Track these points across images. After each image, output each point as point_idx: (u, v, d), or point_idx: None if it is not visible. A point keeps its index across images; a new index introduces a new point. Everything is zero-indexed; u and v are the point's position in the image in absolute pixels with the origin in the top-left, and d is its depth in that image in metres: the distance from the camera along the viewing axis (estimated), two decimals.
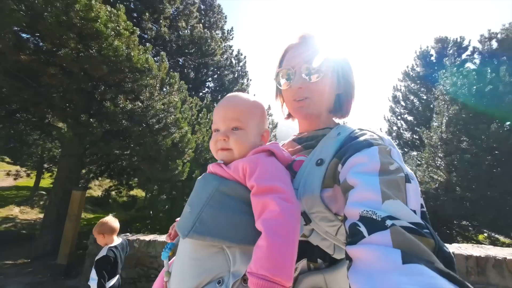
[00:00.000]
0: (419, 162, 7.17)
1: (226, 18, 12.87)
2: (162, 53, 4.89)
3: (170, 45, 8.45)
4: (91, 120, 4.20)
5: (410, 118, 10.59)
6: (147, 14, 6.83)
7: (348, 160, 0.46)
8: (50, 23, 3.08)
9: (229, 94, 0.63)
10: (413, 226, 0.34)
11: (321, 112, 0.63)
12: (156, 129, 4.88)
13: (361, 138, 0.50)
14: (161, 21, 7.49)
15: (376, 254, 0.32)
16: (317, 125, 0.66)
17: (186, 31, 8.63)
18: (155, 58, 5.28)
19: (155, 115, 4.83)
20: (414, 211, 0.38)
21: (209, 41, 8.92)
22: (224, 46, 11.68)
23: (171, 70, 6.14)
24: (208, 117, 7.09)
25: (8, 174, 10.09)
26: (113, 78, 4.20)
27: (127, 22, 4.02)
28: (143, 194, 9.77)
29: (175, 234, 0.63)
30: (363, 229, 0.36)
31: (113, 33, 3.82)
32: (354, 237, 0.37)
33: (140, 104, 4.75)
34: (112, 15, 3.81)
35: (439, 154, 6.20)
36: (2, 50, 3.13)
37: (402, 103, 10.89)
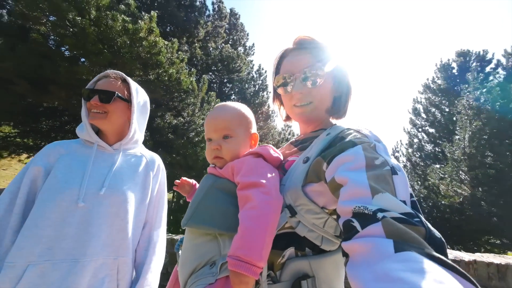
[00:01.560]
0: (442, 176, 7.17)
1: (248, 35, 13.74)
2: (204, 76, 5.59)
3: (201, 63, 9.31)
4: (143, 134, 4.92)
5: (431, 130, 10.53)
6: (184, 38, 7.71)
7: (334, 160, 0.48)
8: (126, 58, 3.83)
9: (217, 105, 0.70)
10: (403, 216, 0.35)
11: (321, 115, 0.65)
12: (195, 141, 5.53)
13: (347, 139, 0.52)
14: (195, 43, 8.36)
15: (370, 245, 0.33)
16: (314, 127, 0.67)
17: (215, 50, 9.46)
18: (195, 78, 6.01)
19: (195, 129, 5.49)
20: (404, 202, 0.39)
21: (235, 59, 9.70)
22: (247, 61, 12.48)
23: (202, 83, 6.86)
24: None
25: None
26: (165, 98, 4.93)
27: (179, 53, 4.77)
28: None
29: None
30: (356, 224, 0.37)
31: (168, 61, 4.56)
32: (348, 232, 0.38)
33: (182, 119, 5.45)
34: (168, 47, 4.56)
35: (463, 168, 6.22)
36: (86, 78, 3.92)
37: (423, 115, 10.89)
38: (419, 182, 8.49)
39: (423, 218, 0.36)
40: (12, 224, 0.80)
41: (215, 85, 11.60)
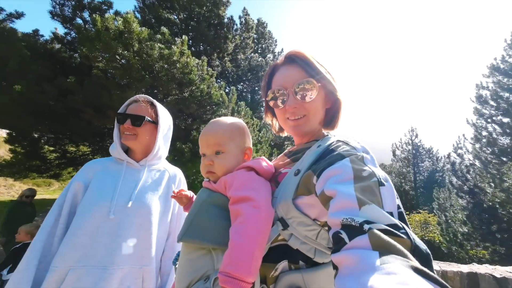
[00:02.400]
0: None
1: (276, 42, 13.88)
2: (232, 87, 5.87)
3: (232, 75, 9.79)
4: (183, 146, 5.41)
5: (506, 119, 8.59)
6: (215, 54, 8.27)
7: (323, 173, 0.48)
8: (163, 80, 4.31)
9: (211, 121, 0.70)
10: (389, 228, 0.35)
11: (315, 127, 0.66)
12: None
13: (335, 151, 0.52)
14: (225, 57, 8.87)
15: (356, 257, 0.34)
16: (308, 139, 0.68)
17: (244, 61, 9.84)
18: (226, 91, 6.36)
19: None
20: (391, 213, 0.40)
21: (264, 67, 9.88)
22: None
23: (231, 94, 7.18)
24: (268, 135, 7.76)
25: None
26: (198, 112, 5.34)
27: (208, 68, 5.14)
28: None
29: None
30: (344, 236, 0.38)
31: (199, 78, 4.96)
32: (337, 244, 0.39)
33: None
34: (198, 65, 4.96)
35: None
36: None
37: (492, 102, 8.98)
38: (493, 184, 6.94)
39: (409, 230, 0.37)
40: (58, 232, 0.92)
41: (248, 94, 12.01)
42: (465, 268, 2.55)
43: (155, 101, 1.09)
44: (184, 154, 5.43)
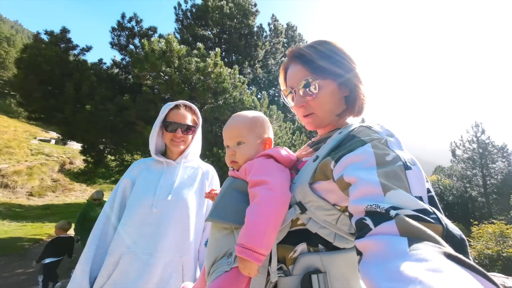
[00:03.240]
0: None
1: (306, 43, 13.67)
2: (264, 92, 5.99)
3: (263, 80, 9.98)
4: (219, 151, 5.72)
5: None
6: (246, 62, 8.60)
7: (342, 159, 0.47)
8: (200, 91, 4.67)
9: (233, 115, 0.75)
10: (417, 214, 0.34)
11: (330, 120, 0.65)
12: None
13: (356, 138, 0.51)
14: (256, 64, 9.13)
15: (383, 243, 0.32)
16: (329, 129, 0.68)
17: (275, 66, 9.95)
18: (257, 96, 6.52)
19: None
20: (420, 197, 0.38)
21: None
22: None
23: (263, 99, 7.29)
24: (301, 138, 7.61)
25: None
26: None
27: (240, 76, 5.38)
28: None
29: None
30: (369, 222, 0.36)
31: (232, 86, 5.22)
32: (361, 230, 0.37)
33: None
34: (230, 74, 5.23)
35: None
36: None
37: None
38: None
39: (440, 215, 0.34)
40: (112, 223, 1.07)
41: (279, 98, 12.04)
42: None
43: (193, 106, 1.20)
44: (220, 159, 5.72)
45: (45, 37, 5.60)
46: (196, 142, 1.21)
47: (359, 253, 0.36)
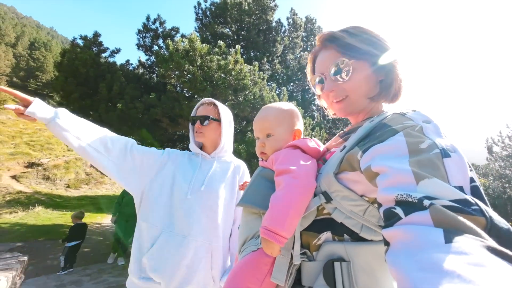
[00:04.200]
0: None
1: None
2: (283, 88, 5.96)
3: (282, 76, 9.89)
4: (239, 147, 5.83)
5: None
6: (265, 58, 8.57)
7: (371, 149, 0.45)
8: (221, 88, 4.78)
9: (263, 107, 0.77)
10: (456, 205, 0.31)
11: (364, 106, 0.62)
12: None
13: (387, 127, 0.48)
14: (274, 60, 9.07)
15: (415, 233, 0.30)
16: (363, 117, 0.65)
17: (293, 61, 9.80)
18: (276, 93, 6.51)
19: None
20: (461, 187, 0.34)
21: None
22: None
23: (282, 95, 7.24)
24: (321, 134, 7.46)
25: None
26: (252, 114, 5.66)
27: (260, 72, 5.40)
28: None
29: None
30: (399, 211, 0.34)
31: (252, 83, 5.27)
32: (390, 220, 0.35)
33: None
34: (250, 70, 5.27)
35: None
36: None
37: None
38: None
39: (483, 206, 0.31)
40: (162, 200, 1.14)
41: (298, 94, 11.86)
42: None
43: (216, 102, 1.27)
44: (240, 154, 5.83)
45: (80, 42, 6.09)
46: (226, 137, 1.25)
47: (387, 243, 0.34)
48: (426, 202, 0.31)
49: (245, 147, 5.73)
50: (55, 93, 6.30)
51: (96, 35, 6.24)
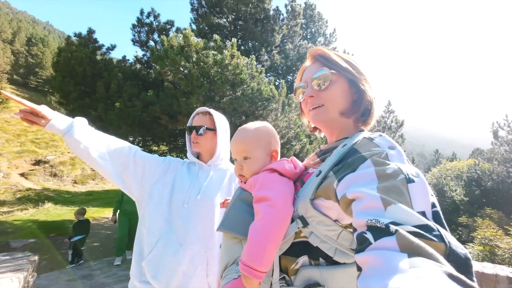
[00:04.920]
0: None
1: (327, 22, 12.78)
2: (282, 80, 5.87)
3: (281, 67, 9.70)
4: None
5: None
6: (263, 49, 8.38)
7: (345, 178, 0.48)
8: (218, 83, 4.74)
9: (239, 129, 0.76)
10: (418, 230, 0.33)
11: (336, 119, 0.65)
12: (281, 143, 5.89)
13: (358, 153, 0.51)
14: (273, 50, 8.86)
15: (383, 258, 0.32)
16: (336, 136, 0.68)
17: (293, 51, 9.56)
18: (275, 84, 6.42)
19: (280, 132, 5.86)
20: (423, 212, 0.37)
21: None
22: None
23: (281, 87, 7.15)
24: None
25: None
26: (251, 109, 5.63)
27: (257, 65, 5.31)
28: None
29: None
30: (369, 236, 0.36)
31: (249, 77, 5.19)
32: (361, 244, 0.37)
33: None
34: (247, 64, 5.19)
35: None
36: (196, 106, 5.14)
37: None
38: None
39: (444, 232, 0.33)
40: (161, 207, 1.16)
41: None
42: None
43: (211, 110, 1.27)
44: None
45: (74, 39, 6.01)
46: (221, 146, 1.26)
47: (359, 269, 0.36)
48: (393, 228, 0.34)
49: None
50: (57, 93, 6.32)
51: (91, 32, 6.15)
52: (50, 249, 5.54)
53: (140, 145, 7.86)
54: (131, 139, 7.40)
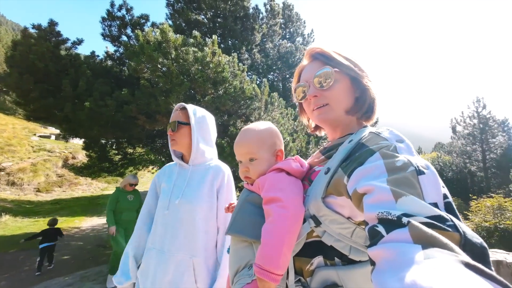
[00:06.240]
0: None
1: (304, 23, 13.08)
2: (264, 79, 5.87)
3: (262, 66, 9.72)
4: (222, 141, 5.73)
5: None
6: (243, 47, 8.31)
7: (354, 173, 0.48)
8: (199, 82, 4.58)
9: (242, 130, 0.76)
10: (431, 221, 0.33)
11: (341, 117, 0.65)
12: None
13: (365, 147, 0.51)
14: (254, 49, 8.83)
15: (396, 251, 0.31)
16: (340, 133, 0.67)
17: (273, 50, 9.63)
18: (257, 83, 6.39)
19: None
20: (435, 204, 0.37)
21: (294, 52, 9.50)
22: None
23: (263, 86, 7.16)
24: (303, 124, 7.59)
25: None
26: (234, 107, 5.54)
27: (239, 64, 5.23)
28: None
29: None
30: (381, 229, 0.36)
31: (231, 75, 5.10)
32: (374, 238, 0.37)
33: (250, 123, 5.95)
34: (229, 62, 5.09)
35: None
36: (176, 104, 4.94)
37: None
38: None
39: (458, 222, 0.33)
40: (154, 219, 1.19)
41: (279, 83, 11.79)
42: None
43: (185, 105, 1.20)
44: (224, 149, 5.75)
45: (33, 31, 5.37)
46: (197, 140, 1.18)
47: (372, 263, 0.35)
48: (405, 220, 0.34)
49: (228, 141, 5.65)
50: (13, 92, 5.60)
51: (52, 23, 5.54)
52: (11, 267, 4.92)
53: (114, 147, 7.34)
54: (103, 141, 6.87)
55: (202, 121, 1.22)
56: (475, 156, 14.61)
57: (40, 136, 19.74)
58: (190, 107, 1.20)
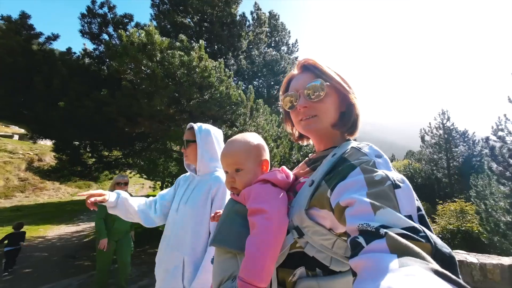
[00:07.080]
0: None
1: (289, 33, 13.55)
2: (250, 86, 5.96)
3: (247, 72, 9.85)
4: None
5: None
6: (230, 53, 8.38)
7: (337, 187, 0.50)
8: (185, 86, 4.54)
9: (228, 141, 0.76)
10: (406, 232, 0.35)
11: (327, 130, 0.67)
12: None
13: (347, 162, 0.54)
14: (240, 55, 8.95)
15: (374, 260, 0.33)
16: (324, 145, 0.69)
17: (259, 57, 9.83)
18: (243, 89, 6.46)
19: None
20: (409, 216, 0.40)
21: (279, 60, 9.78)
22: (291, 59, 12.35)
23: (249, 93, 7.25)
24: (287, 131, 7.76)
25: (142, 187, 14.36)
26: (219, 113, 5.53)
27: (225, 70, 5.27)
28: None
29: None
30: (361, 240, 0.38)
31: (218, 80, 5.12)
32: (355, 249, 0.38)
33: (236, 129, 5.96)
34: (216, 68, 5.11)
35: None
36: (160, 108, 4.82)
37: None
38: None
39: (429, 233, 0.36)
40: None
41: (264, 89, 12.00)
42: (506, 261, 2.41)
43: (193, 124, 1.41)
44: None
45: (1, 23, 4.95)
46: (202, 155, 1.36)
47: (354, 274, 0.37)
48: (382, 231, 0.36)
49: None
50: None
51: (24, 16, 5.16)
52: None
53: (88, 149, 6.89)
54: (76, 143, 6.42)
55: (207, 137, 1.41)
56: (441, 164, 15.98)
57: (1, 136, 17.86)
58: (196, 126, 1.40)
